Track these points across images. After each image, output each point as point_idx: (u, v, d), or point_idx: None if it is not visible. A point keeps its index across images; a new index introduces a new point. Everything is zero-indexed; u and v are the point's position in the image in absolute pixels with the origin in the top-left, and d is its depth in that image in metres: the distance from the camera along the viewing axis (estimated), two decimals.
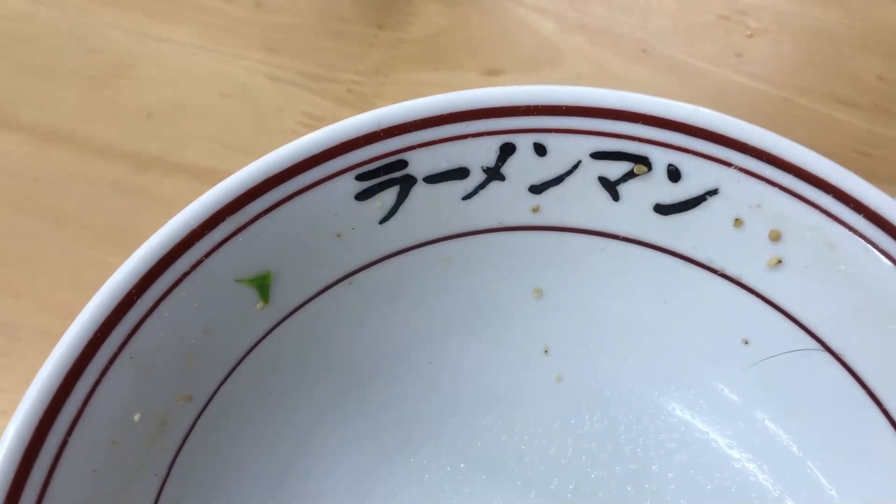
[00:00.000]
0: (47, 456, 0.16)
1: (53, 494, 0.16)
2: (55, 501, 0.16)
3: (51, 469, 0.16)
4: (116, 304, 0.17)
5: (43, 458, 0.16)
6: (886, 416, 0.20)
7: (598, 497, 0.23)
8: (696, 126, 0.20)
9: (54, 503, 0.16)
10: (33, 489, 0.16)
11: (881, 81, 0.34)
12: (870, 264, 0.20)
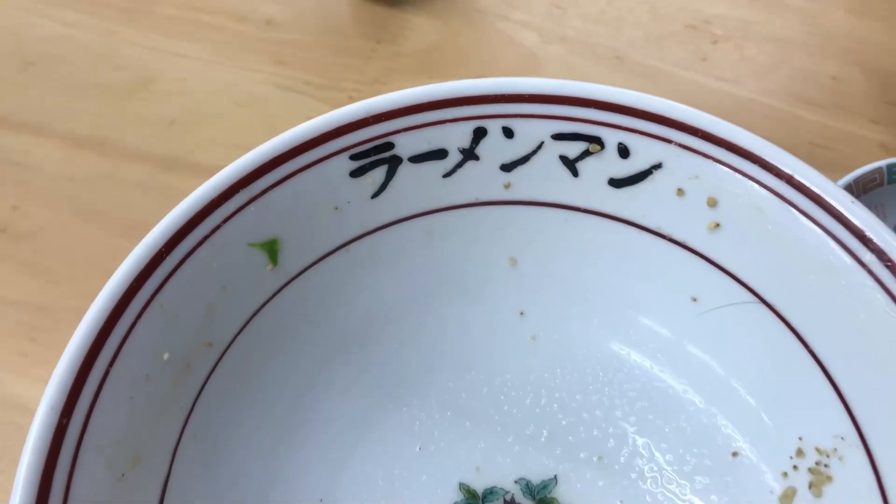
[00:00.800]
0: (93, 381, 0.19)
1: (99, 413, 0.19)
2: (100, 419, 0.19)
3: (97, 392, 0.19)
4: (149, 260, 0.21)
5: (90, 383, 0.19)
6: (813, 357, 0.23)
7: (568, 440, 0.26)
8: (640, 109, 0.23)
9: (99, 421, 0.19)
10: (83, 408, 0.19)
11: (836, 81, 0.37)
12: (792, 224, 0.23)
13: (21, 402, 0.29)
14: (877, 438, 0.22)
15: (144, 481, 0.21)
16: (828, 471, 0.23)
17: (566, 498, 0.25)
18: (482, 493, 0.25)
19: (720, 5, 0.39)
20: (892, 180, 0.32)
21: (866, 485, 0.22)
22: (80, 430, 0.19)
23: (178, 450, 0.22)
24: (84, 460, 0.19)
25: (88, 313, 0.20)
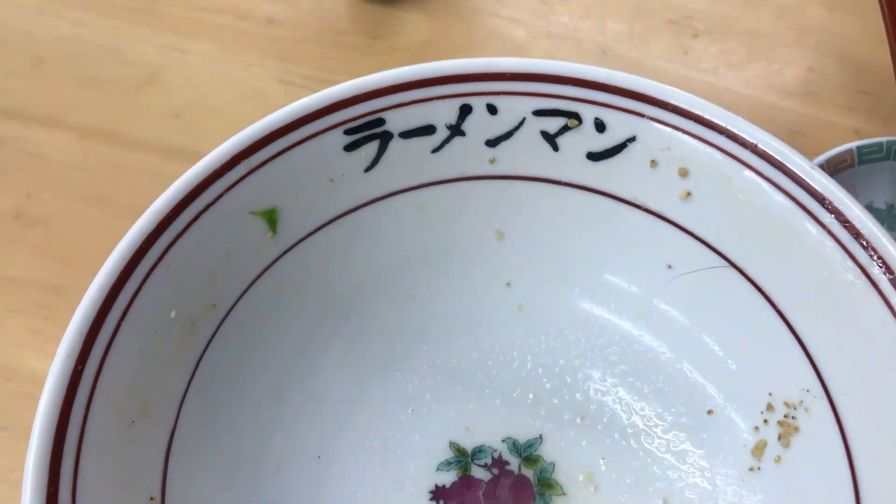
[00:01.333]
0: (106, 333, 0.21)
1: (111, 363, 0.21)
2: (112, 368, 0.21)
3: (109, 343, 0.21)
4: (158, 223, 0.22)
5: (103, 335, 0.21)
6: (780, 316, 0.25)
7: (552, 403, 0.28)
8: (613, 85, 0.25)
9: (111, 370, 0.21)
10: (96, 357, 0.21)
11: (811, 72, 0.39)
12: (757, 190, 0.24)
13: (36, 376, 0.31)
14: (838, 388, 0.24)
15: (152, 430, 0.22)
16: (795, 422, 0.25)
17: (551, 456, 0.27)
18: (471, 451, 0.27)
19: (701, 1, 0.41)
20: (862, 161, 0.33)
21: (829, 432, 0.24)
22: (94, 377, 0.21)
23: (184, 403, 0.23)
24: (97, 404, 0.21)
25: (102, 270, 0.21)
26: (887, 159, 0.33)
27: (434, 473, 0.26)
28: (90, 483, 0.20)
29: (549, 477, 0.26)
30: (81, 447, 0.20)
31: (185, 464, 0.23)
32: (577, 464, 0.27)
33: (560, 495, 0.26)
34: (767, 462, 0.25)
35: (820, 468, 0.24)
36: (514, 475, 0.26)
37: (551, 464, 0.27)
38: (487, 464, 0.27)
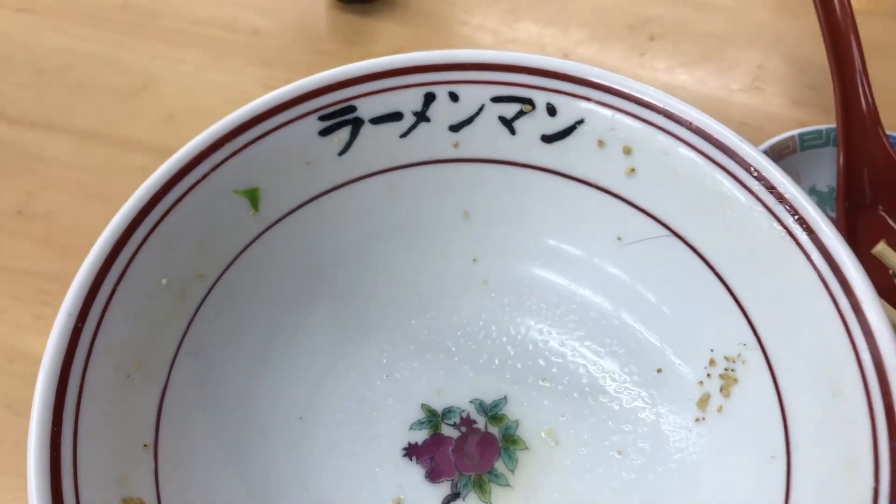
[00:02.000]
0: (104, 294, 0.23)
1: (108, 321, 0.23)
2: (109, 327, 0.23)
3: (106, 304, 0.23)
4: (150, 198, 0.25)
5: (101, 296, 0.23)
6: (719, 278, 0.27)
7: (516, 367, 0.30)
8: (562, 73, 0.28)
9: (108, 328, 0.23)
10: (94, 316, 0.23)
11: (761, 69, 0.42)
12: (692, 163, 0.27)
13: (37, 357, 0.33)
14: (770, 339, 0.26)
15: (146, 385, 0.25)
16: (734, 374, 0.27)
17: (515, 414, 0.29)
18: (441, 411, 0.29)
19: (659, 7, 0.44)
20: (804, 147, 0.36)
21: (763, 379, 0.26)
22: (93, 333, 0.23)
23: (175, 363, 0.26)
24: (95, 357, 0.23)
25: (99, 238, 0.24)
26: (827, 146, 0.36)
27: (407, 432, 0.29)
28: (90, 427, 0.22)
29: (514, 434, 0.29)
30: (82, 394, 0.22)
31: (176, 417, 0.25)
32: (539, 421, 0.29)
33: (523, 450, 0.28)
34: (711, 412, 0.27)
35: (756, 412, 0.26)
36: (480, 433, 0.29)
37: (515, 422, 0.29)
38: (456, 423, 0.29)
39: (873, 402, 0.22)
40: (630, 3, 0.44)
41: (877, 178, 0.35)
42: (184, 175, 0.25)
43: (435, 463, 0.28)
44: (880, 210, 0.35)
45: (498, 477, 0.28)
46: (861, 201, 0.35)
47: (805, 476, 0.24)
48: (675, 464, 0.27)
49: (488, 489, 0.28)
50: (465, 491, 0.28)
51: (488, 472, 0.28)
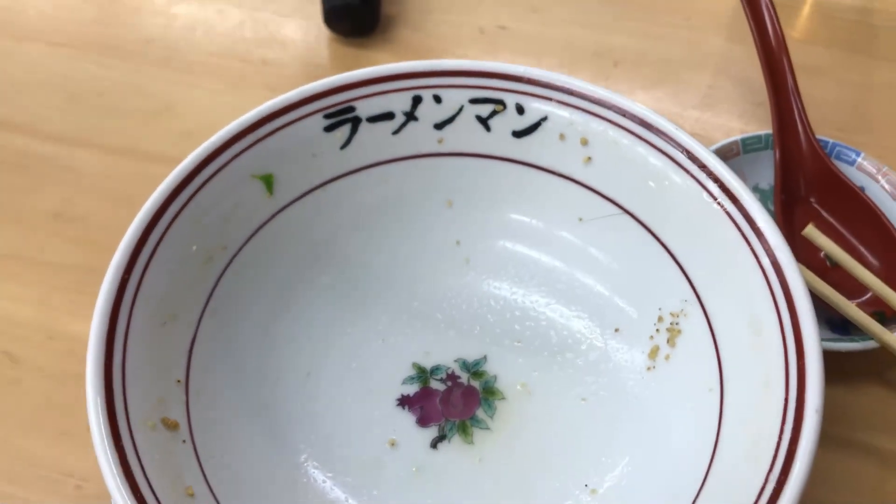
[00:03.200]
0: (145, 254, 0.28)
1: (148, 276, 0.28)
2: (149, 281, 0.28)
3: (147, 262, 0.28)
4: (183, 178, 0.30)
5: (143, 255, 0.28)
6: (664, 247, 0.32)
7: (495, 332, 0.34)
8: (528, 77, 0.33)
9: (149, 282, 0.28)
10: (138, 271, 0.28)
11: (711, 89, 0.47)
12: (638, 150, 0.32)
13: (75, 336, 0.37)
14: (706, 293, 0.31)
15: (179, 334, 0.29)
16: (678, 326, 0.32)
17: (493, 371, 0.34)
18: (430, 369, 0.34)
19: (622, 38, 0.50)
20: (746, 151, 0.41)
21: (702, 327, 0.31)
22: (136, 285, 0.28)
23: (202, 318, 0.30)
24: (138, 305, 0.28)
25: (142, 210, 0.29)
26: (766, 149, 0.41)
27: (400, 386, 0.33)
28: (134, 360, 0.27)
29: (492, 386, 0.33)
30: (128, 332, 0.27)
31: (202, 363, 0.29)
32: (514, 376, 0.33)
33: (501, 399, 0.33)
34: (660, 361, 0.32)
35: (696, 356, 0.30)
36: (464, 386, 0.33)
37: (494, 376, 0.33)
38: (443, 378, 0.33)
39: (786, 334, 0.27)
40: (596, 35, 0.50)
41: (808, 174, 0.40)
42: (210, 161, 0.30)
43: (424, 411, 0.33)
44: (812, 202, 0.40)
45: (479, 422, 0.32)
46: (796, 195, 0.40)
47: (733, 400, 0.28)
48: (630, 406, 0.32)
49: (471, 432, 0.32)
50: (451, 434, 0.32)
51: (470, 418, 0.32)
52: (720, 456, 0.27)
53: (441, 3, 0.51)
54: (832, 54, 0.49)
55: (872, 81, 0.48)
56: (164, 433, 0.26)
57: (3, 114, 0.45)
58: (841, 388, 0.36)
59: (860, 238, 0.39)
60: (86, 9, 0.50)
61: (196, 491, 0.26)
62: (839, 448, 0.35)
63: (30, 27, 0.49)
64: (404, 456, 0.31)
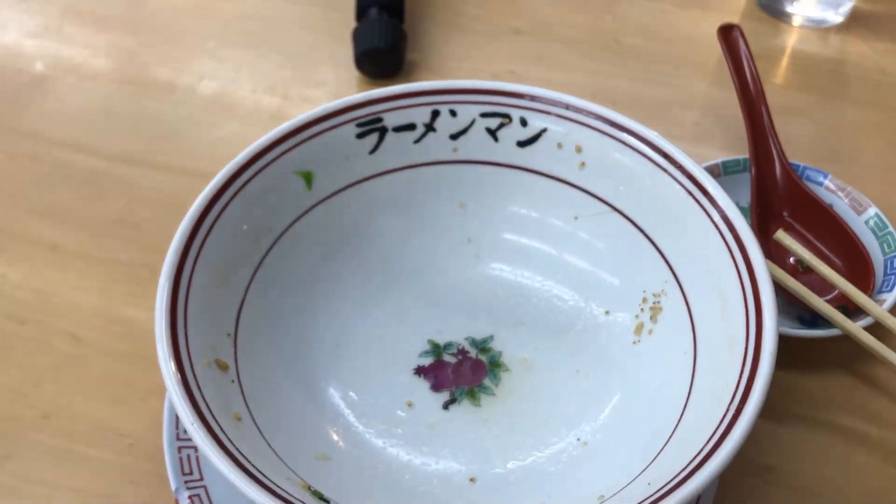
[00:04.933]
0: (204, 228, 0.33)
1: (207, 244, 0.33)
2: (207, 248, 0.33)
3: (206, 233, 0.33)
4: (236, 171, 0.35)
5: (203, 228, 0.33)
6: (646, 237, 0.37)
7: (500, 315, 0.39)
8: (530, 94, 0.39)
9: (207, 249, 0.33)
10: (199, 239, 0.33)
11: (697, 125, 0.53)
12: (626, 155, 0.37)
13: (132, 322, 0.43)
14: (683, 274, 0.35)
15: (230, 297, 0.34)
16: (659, 305, 0.36)
17: (499, 347, 0.38)
18: (443, 345, 0.38)
19: (619, 82, 0.56)
20: (727, 173, 0.47)
21: (679, 303, 0.35)
22: (197, 250, 0.33)
23: (249, 287, 0.35)
24: (198, 268, 0.33)
25: (203, 192, 0.34)
26: (744, 171, 0.47)
27: (417, 358, 0.38)
28: (194, 311, 0.32)
29: (498, 360, 0.38)
30: (189, 295, 0.32)
31: (248, 323, 0.34)
32: (517, 351, 0.38)
33: (505, 371, 0.37)
34: (644, 336, 0.36)
35: (675, 328, 0.35)
36: (472, 359, 0.38)
37: (499, 352, 0.38)
38: (454, 353, 0.38)
39: (748, 300, 0.32)
40: (595, 80, 0.56)
41: (781, 191, 0.45)
42: (260, 157, 0.36)
43: (438, 379, 0.37)
44: (785, 215, 0.45)
45: (485, 389, 0.37)
46: (770, 209, 0.45)
47: (704, 360, 0.33)
48: (617, 374, 0.36)
49: (478, 397, 0.37)
50: (461, 398, 0.37)
51: (478, 385, 0.37)
52: (691, 404, 0.32)
53: (459, 52, 0.58)
54: (808, 98, 0.55)
55: (843, 121, 0.53)
56: (217, 371, 0.31)
57: (74, 138, 0.51)
58: (810, 376, 0.40)
59: (826, 244, 0.43)
60: (145, 53, 0.57)
61: (242, 417, 0.31)
62: (808, 427, 0.39)
63: (100, 69, 0.56)
64: (420, 414, 0.36)
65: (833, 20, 0.59)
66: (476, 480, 0.34)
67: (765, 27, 0.60)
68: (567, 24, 0.60)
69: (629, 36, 0.59)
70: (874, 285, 0.41)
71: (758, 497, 0.37)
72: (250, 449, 0.29)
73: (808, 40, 0.59)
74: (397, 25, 0.54)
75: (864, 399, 0.40)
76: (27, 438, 0.38)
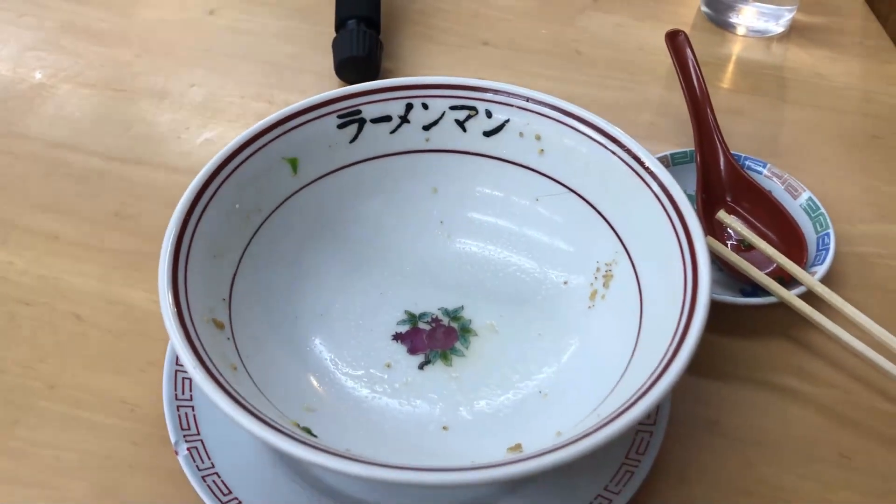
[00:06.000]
0: (200, 206, 0.37)
1: (203, 221, 0.37)
2: (204, 224, 0.37)
3: (202, 212, 0.37)
4: (228, 155, 0.39)
5: (199, 206, 0.37)
6: (599, 213, 0.41)
7: (469, 287, 0.43)
8: (494, 89, 0.43)
9: (203, 225, 0.37)
10: (196, 215, 0.37)
11: (651, 125, 0.58)
12: (580, 141, 0.42)
13: (130, 303, 0.46)
14: (631, 244, 0.40)
15: (224, 267, 0.38)
16: (611, 273, 0.40)
17: (469, 315, 0.42)
18: (418, 314, 0.42)
19: (579, 87, 0.60)
20: (675, 164, 0.51)
21: (628, 270, 0.39)
22: (195, 226, 0.37)
23: (242, 259, 0.39)
24: (196, 241, 0.36)
25: (199, 173, 0.38)
26: (691, 162, 0.51)
27: (395, 326, 0.42)
28: (193, 278, 0.35)
29: (468, 326, 0.42)
30: (189, 261, 0.36)
31: (241, 292, 0.38)
32: (485, 319, 0.42)
33: (474, 336, 0.41)
34: (598, 300, 0.41)
35: (624, 292, 0.39)
36: (445, 326, 0.42)
37: (469, 320, 0.42)
38: (428, 321, 0.42)
39: (686, 262, 0.36)
40: (557, 85, 0.61)
41: (724, 178, 0.50)
42: (250, 144, 0.40)
43: (414, 344, 0.41)
44: (728, 200, 0.50)
45: (457, 351, 0.41)
46: (714, 194, 0.50)
47: (649, 317, 0.37)
48: (574, 335, 0.40)
49: (450, 358, 0.40)
50: (434, 359, 0.40)
51: (450, 349, 0.41)
52: (637, 354, 0.36)
53: (431, 61, 0.62)
54: (752, 99, 0.60)
55: (783, 119, 0.58)
56: (214, 329, 0.35)
57: (73, 140, 0.55)
58: (751, 341, 0.45)
59: (765, 224, 0.48)
60: (137, 63, 0.61)
61: (238, 368, 0.34)
62: (750, 386, 0.43)
63: (95, 77, 0.60)
64: (397, 374, 0.40)
65: (775, 30, 0.65)
66: (448, 428, 0.37)
67: (713, 37, 0.65)
68: (531, 36, 0.65)
69: (589, 46, 0.64)
70: (807, 259, 0.46)
71: (705, 447, 0.41)
72: (245, 392, 0.32)
73: (752, 49, 0.64)
74: (374, 36, 0.59)
75: (800, 360, 0.44)
76: (34, 407, 0.42)
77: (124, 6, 0.66)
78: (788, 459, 0.40)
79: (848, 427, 0.41)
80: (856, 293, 0.46)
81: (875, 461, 0.40)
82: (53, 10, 0.66)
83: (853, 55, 0.64)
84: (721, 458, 0.40)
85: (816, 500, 0.39)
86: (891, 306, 0.46)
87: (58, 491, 0.38)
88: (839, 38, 0.65)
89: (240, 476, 0.36)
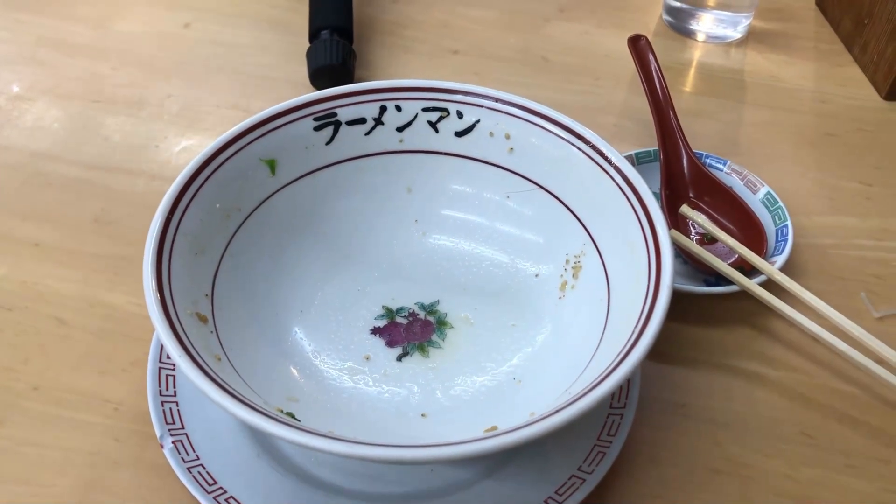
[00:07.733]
0: (182, 204, 0.38)
1: (185, 219, 0.38)
2: (186, 222, 0.38)
3: (184, 210, 0.38)
4: (208, 157, 0.40)
5: (182, 204, 0.38)
6: (567, 208, 0.43)
7: (445, 283, 0.45)
8: (464, 90, 0.45)
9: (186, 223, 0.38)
10: (178, 214, 0.38)
11: (616, 126, 0.60)
12: (549, 140, 0.43)
13: (111, 305, 0.47)
14: (598, 235, 0.41)
15: (207, 264, 0.39)
16: (580, 264, 0.42)
17: (444, 309, 0.44)
18: (396, 309, 0.44)
19: (547, 92, 0.62)
20: (639, 162, 0.53)
21: (595, 260, 0.41)
22: (177, 224, 0.38)
23: (223, 257, 0.40)
24: (178, 238, 0.37)
25: (181, 173, 0.39)
26: (655, 161, 0.53)
27: (373, 321, 0.43)
28: (177, 272, 0.36)
29: (444, 320, 0.43)
30: (171, 257, 0.37)
31: (223, 288, 0.39)
32: (460, 311, 0.43)
33: (450, 328, 0.43)
34: (568, 291, 0.42)
35: (593, 281, 0.41)
36: (422, 320, 0.43)
37: (445, 313, 0.43)
38: (406, 315, 0.43)
39: (648, 245, 0.38)
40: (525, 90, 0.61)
41: (686, 175, 0.52)
42: (229, 146, 0.41)
43: (392, 336, 0.42)
44: (691, 195, 0.52)
45: (433, 343, 0.42)
46: (677, 190, 0.52)
47: (616, 301, 0.38)
48: (546, 324, 0.42)
49: (427, 350, 0.42)
50: (412, 351, 0.42)
51: (427, 341, 0.42)
52: (605, 337, 0.37)
53: (403, 70, 0.64)
54: (712, 101, 0.62)
55: (742, 120, 0.61)
56: (198, 322, 0.36)
57: (51, 150, 0.56)
58: (716, 328, 0.47)
59: (727, 218, 0.50)
60: (113, 75, 0.62)
61: (221, 359, 0.35)
62: (716, 371, 0.45)
63: (72, 90, 0.61)
64: (376, 365, 0.41)
65: (733, 36, 0.67)
66: (427, 416, 0.39)
67: (674, 43, 0.67)
68: (500, 44, 0.67)
69: (555, 54, 0.66)
70: (767, 250, 0.48)
71: (674, 428, 0.42)
72: (230, 381, 0.33)
73: (711, 54, 0.67)
74: (347, 45, 0.61)
75: (763, 346, 0.46)
76: (18, 407, 0.42)
77: (100, 20, 0.68)
78: (754, 439, 0.42)
79: (810, 407, 0.43)
80: (813, 281, 0.48)
81: (835, 438, 0.42)
82: (29, 25, 0.67)
83: (807, 58, 0.66)
84: (690, 439, 0.42)
85: (782, 477, 0.40)
86: (846, 292, 0.48)
87: (43, 487, 0.39)
88: (794, 42, 0.68)
89: (224, 467, 0.37)
